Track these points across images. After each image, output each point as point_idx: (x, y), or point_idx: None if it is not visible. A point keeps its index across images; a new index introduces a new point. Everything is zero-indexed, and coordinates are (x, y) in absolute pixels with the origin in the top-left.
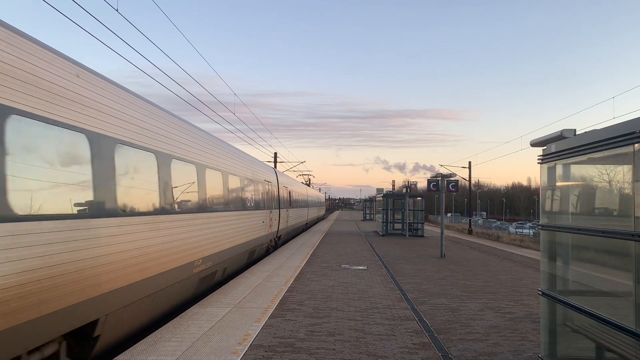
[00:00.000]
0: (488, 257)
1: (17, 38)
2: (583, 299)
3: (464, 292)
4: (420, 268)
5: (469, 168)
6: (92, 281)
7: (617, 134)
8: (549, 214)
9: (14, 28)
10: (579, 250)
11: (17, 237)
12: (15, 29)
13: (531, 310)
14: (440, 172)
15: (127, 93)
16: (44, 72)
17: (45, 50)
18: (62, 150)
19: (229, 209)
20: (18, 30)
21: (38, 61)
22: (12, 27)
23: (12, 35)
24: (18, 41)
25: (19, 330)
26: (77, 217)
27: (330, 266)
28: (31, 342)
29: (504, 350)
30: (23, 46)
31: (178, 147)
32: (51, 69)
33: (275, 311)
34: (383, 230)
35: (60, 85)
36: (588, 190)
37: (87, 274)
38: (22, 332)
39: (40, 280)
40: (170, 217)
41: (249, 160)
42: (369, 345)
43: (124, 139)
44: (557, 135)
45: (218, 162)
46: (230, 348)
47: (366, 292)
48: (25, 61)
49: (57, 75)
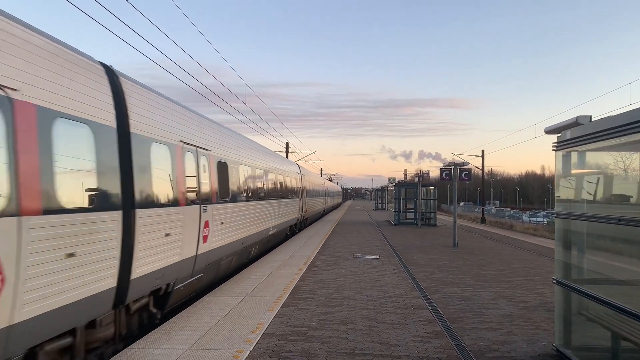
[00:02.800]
0: (501, 246)
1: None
2: (598, 288)
3: (477, 281)
4: (433, 257)
5: (482, 157)
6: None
7: (634, 120)
8: (563, 202)
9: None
10: (595, 239)
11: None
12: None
13: (545, 299)
14: (448, 160)
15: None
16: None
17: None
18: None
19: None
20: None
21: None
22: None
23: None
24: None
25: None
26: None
27: (342, 255)
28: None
29: (518, 339)
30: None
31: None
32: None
33: (288, 300)
34: (395, 220)
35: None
36: (604, 177)
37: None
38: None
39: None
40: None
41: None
42: (381, 334)
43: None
44: (572, 122)
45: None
46: (243, 337)
47: (378, 281)
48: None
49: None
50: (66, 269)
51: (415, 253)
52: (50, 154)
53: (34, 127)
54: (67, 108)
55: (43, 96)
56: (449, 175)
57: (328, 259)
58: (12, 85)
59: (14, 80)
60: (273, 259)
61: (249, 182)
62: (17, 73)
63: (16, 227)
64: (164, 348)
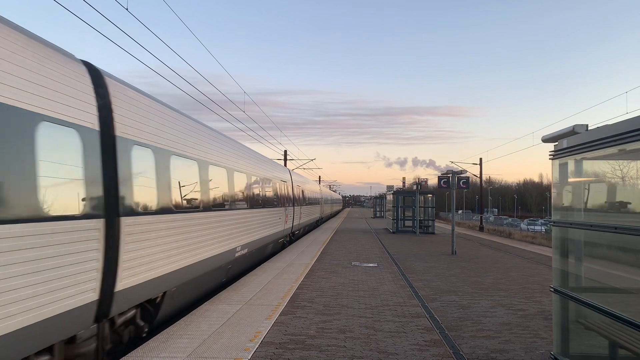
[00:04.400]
0: (500, 254)
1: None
2: (596, 296)
3: (476, 289)
4: (431, 265)
5: (480, 164)
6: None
7: (630, 129)
8: (560, 210)
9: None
10: (592, 247)
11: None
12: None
13: (543, 308)
14: (442, 167)
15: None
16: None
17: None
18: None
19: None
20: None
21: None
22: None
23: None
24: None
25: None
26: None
27: (340, 263)
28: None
29: (516, 348)
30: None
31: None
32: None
33: (286, 308)
34: (393, 228)
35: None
36: (600, 186)
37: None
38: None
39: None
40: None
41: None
42: (379, 343)
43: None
44: (569, 131)
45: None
46: (241, 345)
47: (377, 290)
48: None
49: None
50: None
51: (413, 261)
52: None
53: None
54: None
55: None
56: (447, 183)
57: (326, 266)
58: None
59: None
60: (271, 267)
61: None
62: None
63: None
64: (162, 356)
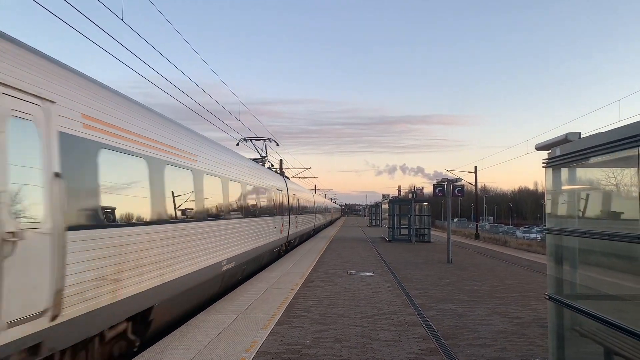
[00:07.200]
0: (495, 262)
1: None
2: (591, 303)
3: (471, 297)
4: (427, 274)
5: (475, 173)
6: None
7: (622, 137)
8: (554, 218)
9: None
10: (586, 254)
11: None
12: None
13: (539, 315)
14: (432, 174)
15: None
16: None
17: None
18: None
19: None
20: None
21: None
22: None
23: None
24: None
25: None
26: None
27: (336, 272)
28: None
29: (512, 356)
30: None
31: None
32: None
33: (282, 318)
34: (389, 236)
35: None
36: (593, 193)
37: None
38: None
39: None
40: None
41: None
42: (375, 352)
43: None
44: (562, 139)
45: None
46: (237, 355)
47: (373, 298)
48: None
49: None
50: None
51: (409, 269)
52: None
53: None
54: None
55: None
56: (442, 191)
57: (323, 275)
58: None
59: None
60: (267, 276)
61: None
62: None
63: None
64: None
